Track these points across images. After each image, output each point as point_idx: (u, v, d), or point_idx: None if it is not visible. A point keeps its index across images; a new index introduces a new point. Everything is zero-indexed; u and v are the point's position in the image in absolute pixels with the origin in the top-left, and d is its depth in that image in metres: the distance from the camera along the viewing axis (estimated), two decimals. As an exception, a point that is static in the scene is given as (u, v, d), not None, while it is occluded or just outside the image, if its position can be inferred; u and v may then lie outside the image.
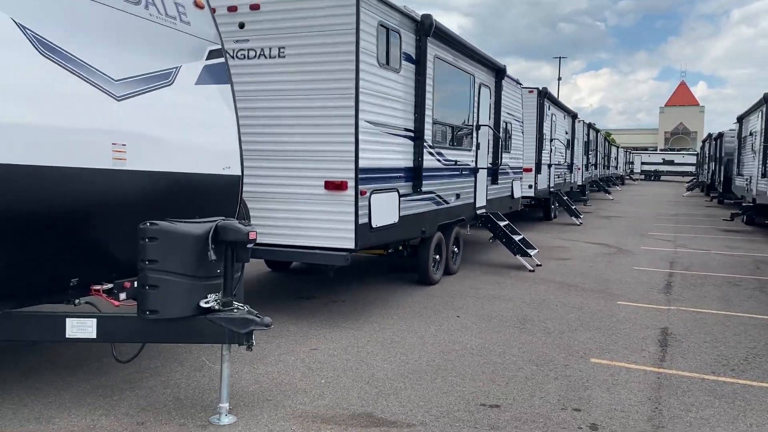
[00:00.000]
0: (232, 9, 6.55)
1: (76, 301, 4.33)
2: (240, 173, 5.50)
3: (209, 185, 5.14)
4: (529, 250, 10.17)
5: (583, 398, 4.64)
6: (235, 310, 3.98)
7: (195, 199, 5.01)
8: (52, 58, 3.83)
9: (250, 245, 3.95)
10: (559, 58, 59.60)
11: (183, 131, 4.89)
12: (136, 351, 4.38)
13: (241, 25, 6.55)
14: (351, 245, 6.26)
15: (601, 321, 6.91)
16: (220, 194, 5.30)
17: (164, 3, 4.91)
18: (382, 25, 6.63)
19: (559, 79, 64.63)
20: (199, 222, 3.98)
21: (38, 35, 3.77)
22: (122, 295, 4.53)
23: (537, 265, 10.25)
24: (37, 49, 3.75)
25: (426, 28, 7.47)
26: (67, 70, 3.91)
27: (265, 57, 6.50)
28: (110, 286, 4.43)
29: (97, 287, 4.36)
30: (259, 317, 3.92)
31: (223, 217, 4.13)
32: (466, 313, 7.13)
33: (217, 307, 3.92)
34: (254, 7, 6.49)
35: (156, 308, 3.75)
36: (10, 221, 3.62)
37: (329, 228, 6.34)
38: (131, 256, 4.56)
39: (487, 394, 4.65)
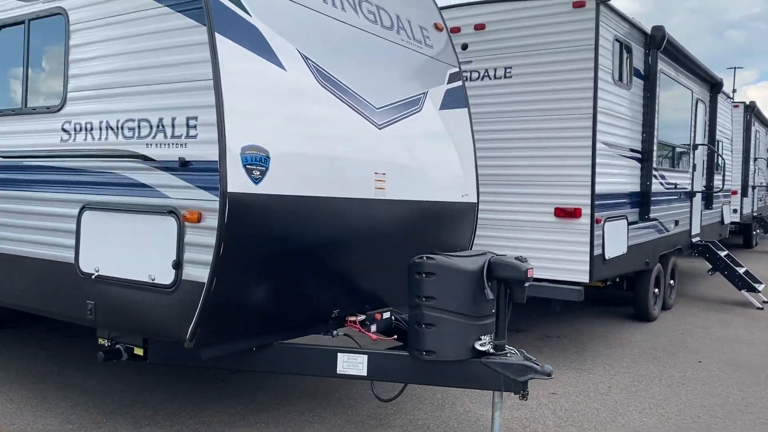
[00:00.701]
0: (455, 30, 6.37)
1: (334, 332, 4.26)
2: (476, 200, 5.24)
3: (452, 214, 4.92)
4: (756, 285, 8.96)
5: None
6: (509, 354, 3.65)
7: (440, 229, 4.81)
8: (329, 88, 3.78)
9: (527, 284, 3.61)
10: (734, 68, 54.80)
11: (430, 158, 4.72)
12: (395, 389, 4.19)
13: (464, 47, 6.34)
14: (585, 278, 5.75)
15: None
16: (459, 223, 5.06)
17: (411, 27, 4.80)
18: (617, 40, 6.10)
19: (734, 91, 58.93)
20: (469, 256, 3.71)
21: (318, 65, 3.73)
22: (373, 327, 4.41)
23: (764, 301, 9.01)
24: (317, 79, 3.71)
25: (657, 42, 6.82)
26: (340, 99, 3.85)
27: (490, 78, 6.23)
28: (363, 317, 4.33)
29: (353, 318, 4.26)
30: (538, 364, 3.54)
31: (491, 252, 3.83)
32: (706, 357, 6.30)
33: (491, 350, 3.62)
34: (479, 27, 6.26)
35: (433, 349, 3.51)
36: (289, 252, 3.57)
37: (559, 259, 5.87)
38: (381, 287, 4.44)
39: (790, 468, 3.92)
